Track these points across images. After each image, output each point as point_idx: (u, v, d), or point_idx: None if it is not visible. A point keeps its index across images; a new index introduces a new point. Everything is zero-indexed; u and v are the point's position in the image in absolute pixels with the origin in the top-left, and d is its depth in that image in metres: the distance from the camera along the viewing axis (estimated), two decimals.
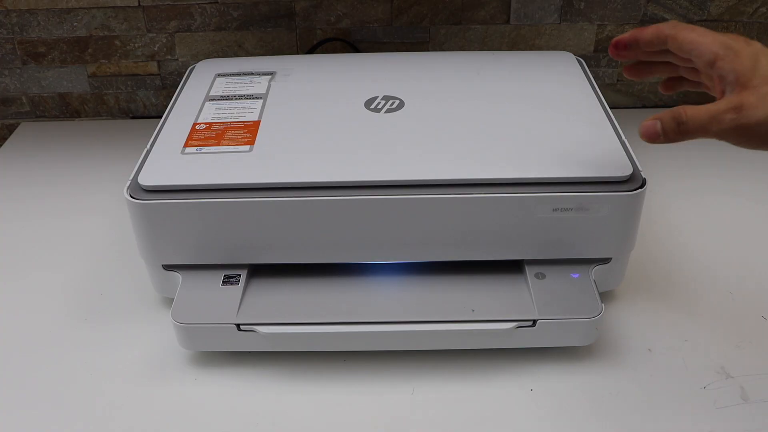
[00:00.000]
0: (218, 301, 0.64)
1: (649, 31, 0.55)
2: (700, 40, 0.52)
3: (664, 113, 0.51)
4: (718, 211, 0.84)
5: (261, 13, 1.00)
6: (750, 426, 0.59)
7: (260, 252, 0.65)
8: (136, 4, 0.99)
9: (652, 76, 0.60)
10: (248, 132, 0.68)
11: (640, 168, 0.64)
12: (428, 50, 1.03)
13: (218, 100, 0.75)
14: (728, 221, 0.82)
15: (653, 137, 0.52)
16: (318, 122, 0.70)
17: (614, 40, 0.57)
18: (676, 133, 0.51)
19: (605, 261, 0.67)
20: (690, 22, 1.00)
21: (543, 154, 0.64)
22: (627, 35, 0.56)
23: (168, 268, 0.67)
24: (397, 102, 0.73)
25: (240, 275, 0.66)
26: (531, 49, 1.03)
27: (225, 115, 0.72)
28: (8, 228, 0.85)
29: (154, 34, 1.01)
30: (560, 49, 1.00)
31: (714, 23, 1.00)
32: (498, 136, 0.67)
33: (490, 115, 0.70)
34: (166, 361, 0.66)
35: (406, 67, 0.81)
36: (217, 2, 0.99)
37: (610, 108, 0.73)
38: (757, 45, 0.51)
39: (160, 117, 0.74)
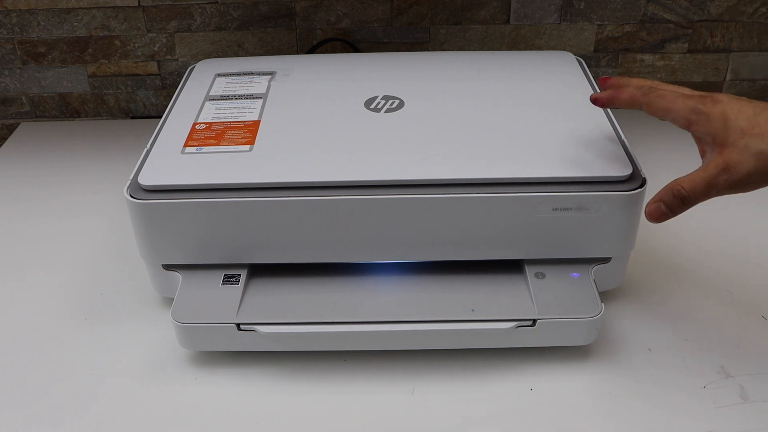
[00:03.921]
0: (218, 300, 0.64)
1: (624, 97, 0.60)
2: (671, 107, 0.56)
3: (664, 192, 0.56)
4: (717, 210, 0.83)
5: (261, 13, 1.00)
6: (750, 426, 0.59)
7: (260, 252, 0.65)
8: (136, 4, 0.99)
9: None
10: (248, 132, 0.68)
11: (639, 168, 0.64)
12: (428, 50, 1.03)
13: (218, 99, 0.75)
14: (728, 221, 0.82)
15: (661, 217, 0.56)
16: (318, 122, 0.70)
17: (592, 96, 0.63)
18: (680, 206, 0.55)
19: (605, 261, 0.67)
20: (690, 22, 1.00)
21: (543, 153, 0.64)
22: (604, 96, 0.61)
23: (168, 268, 0.67)
24: (397, 102, 0.73)
25: (240, 275, 0.66)
26: (531, 49, 1.03)
27: (225, 114, 0.72)
28: (8, 228, 0.85)
29: (154, 34, 1.01)
30: (560, 49, 1.00)
31: (714, 23, 1.00)
32: (498, 136, 0.67)
33: (490, 115, 0.70)
34: (166, 361, 0.66)
35: (406, 67, 0.80)
36: (217, 2, 0.99)
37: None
38: (723, 100, 0.54)
39: (160, 117, 0.74)
